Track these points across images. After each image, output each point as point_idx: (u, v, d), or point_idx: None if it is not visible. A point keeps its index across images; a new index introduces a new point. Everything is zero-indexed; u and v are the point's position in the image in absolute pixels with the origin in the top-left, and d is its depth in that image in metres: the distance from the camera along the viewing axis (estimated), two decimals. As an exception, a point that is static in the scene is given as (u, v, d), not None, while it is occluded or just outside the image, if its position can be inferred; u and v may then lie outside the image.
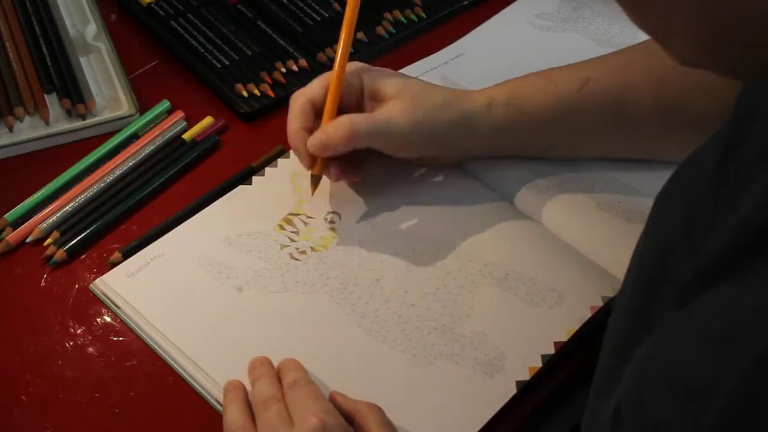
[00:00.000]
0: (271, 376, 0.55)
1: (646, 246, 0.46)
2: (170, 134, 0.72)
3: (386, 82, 0.65)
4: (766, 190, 0.35)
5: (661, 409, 0.37)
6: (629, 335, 0.43)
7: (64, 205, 0.66)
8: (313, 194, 0.66)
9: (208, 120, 0.73)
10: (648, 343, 0.40)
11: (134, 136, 0.72)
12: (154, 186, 0.68)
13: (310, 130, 0.64)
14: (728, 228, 0.37)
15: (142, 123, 0.73)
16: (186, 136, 0.72)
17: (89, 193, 0.67)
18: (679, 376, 0.36)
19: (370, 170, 0.68)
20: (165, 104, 0.74)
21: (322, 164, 0.64)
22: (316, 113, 0.65)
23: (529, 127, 0.67)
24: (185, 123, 0.73)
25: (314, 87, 0.65)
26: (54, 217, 0.65)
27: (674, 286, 0.40)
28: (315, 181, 0.66)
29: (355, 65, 0.66)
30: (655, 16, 0.36)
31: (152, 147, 0.71)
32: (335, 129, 0.62)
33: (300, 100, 0.65)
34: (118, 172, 0.69)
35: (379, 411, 0.53)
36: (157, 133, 0.72)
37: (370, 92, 0.65)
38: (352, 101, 0.65)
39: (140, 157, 0.70)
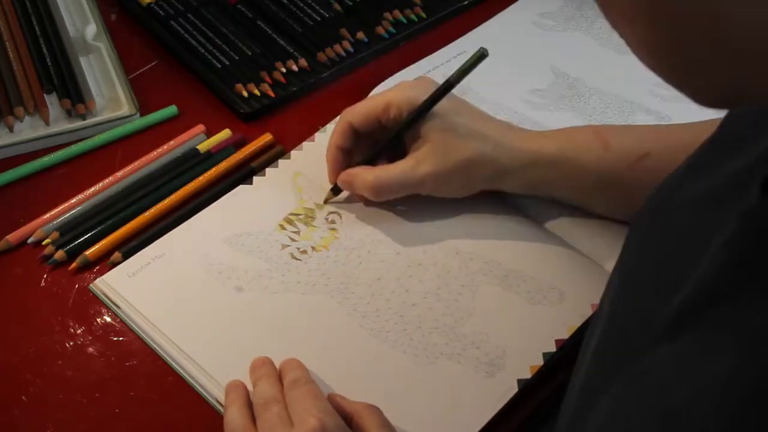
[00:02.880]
0: (273, 377, 0.55)
1: (619, 285, 0.45)
2: (187, 146, 0.71)
3: (427, 121, 0.63)
4: (713, 261, 0.34)
5: None
6: (592, 389, 0.42)
7: (70, 209, 0.66)
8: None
9: (225, 133, 0.72)
10: (607, 404, 0.39)
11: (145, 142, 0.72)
12: (162, 197, 0.67)
13: (347, 150, 0.65)
14: (693, 277, 0.36)
15: (143, 124, 0.73)
16: (201, 147, 0.71)
17: (95, 200, 0.67)
18: None
19: None
20: (172, 109, 0.74)
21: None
22: (358, 135, 0.65)
23: (568, 187, 0.65)
24: (205, 136, 0.72)
25: (358, 110, 0.65)
26: (57, 221, 0.65)
27: (646, 332, 0.39)
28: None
29: (405, 94, 0.64)
30: (618, 15, 0.36)
31: (167, 157, 0.70)
32: (362, 184, 0.64)
33: (344, 119, 0.65)
34: (129, 180, 0.69)
35: (378, 412, 0.53)
36: (173, 143, 0.71)
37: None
38: (391, 126, 0.65)
39: (152, 166, 0.70)
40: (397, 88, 0.65)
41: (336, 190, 0.67)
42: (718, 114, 0.38)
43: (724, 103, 0.35)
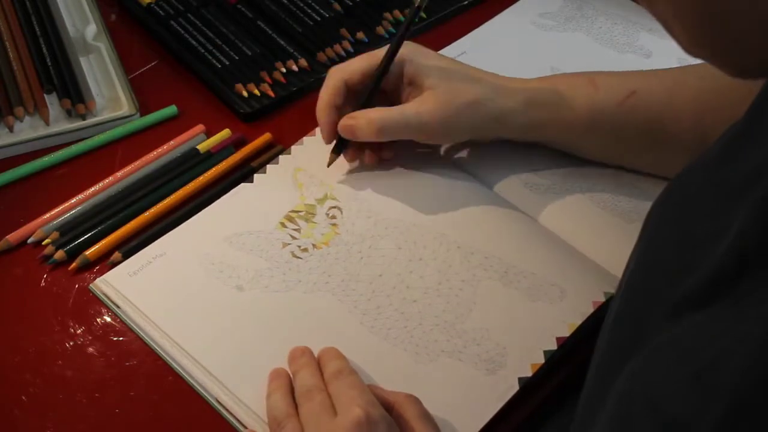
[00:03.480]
0: (313, 366, 0.56)
1: (638, 262, 0.45)
2: (187, 146, 0.71)
3: (425, 71, 0.65)
4: (752, 216, 0.35)
5: None
6: (614, 361, 0.42)
7: (70, 209, 0.66)
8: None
9: (225, 133, 0.72)
10: (632, 368, 0.39)
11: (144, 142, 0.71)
12: (162, 197, 0.67)
13: (339, 107, 0.65)
14: (718, 252, 0.37)
15: (143, 124, 0.73)
16: (202, 147, 0.71)
17: (95, 200, 0.67)
18: (661, 407, 0.36)
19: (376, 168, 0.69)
20: (172, 109, 0.74)
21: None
22: (350, 92, 0.66)
23: (563, 127, 0.67)
24: (205, 136, 0.72)
25: (353, 68, 0.66)
26: (57, 221, 0.65)
27: (664, 306, 0.40)
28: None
29: (403, 49, 0.65)
30: (659, 4, 0.37)
31: (167, 157, 0.70)
32: (366, 123, 0.64)
33: (336, 77, 0.66)
34: (129, 180, 0.69)
35: (417, 402, 0.54)
36: (173, 143, 0.71)
37: (409, 79, 0.66)
38: (390, 83, 0.67)
39: (152, 166, 0.70)
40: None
41: (338, 149, 0.67)
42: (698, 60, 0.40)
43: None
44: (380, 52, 0.66)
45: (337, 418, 0.51)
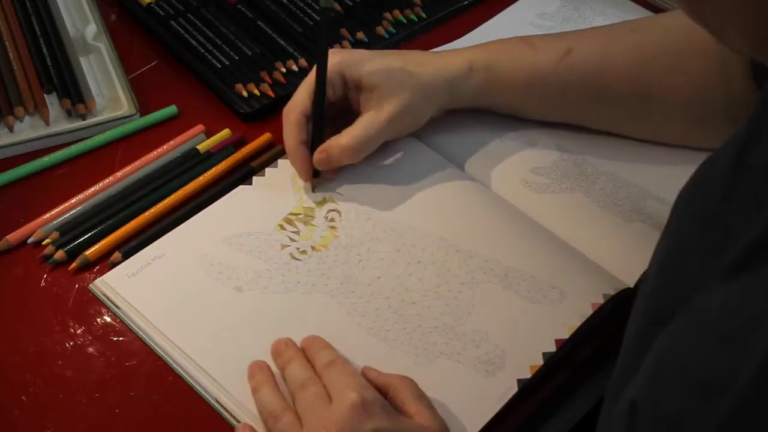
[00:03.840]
0: (303, 358, 0.56)
1: (666, 244, 0.47)
2: (187, 146, 0.71)
3: (366, 72, 0.66)
4: None
5: (674, 403, 0.37)
6: (648, 330, 0.44)
7: (70, 209, 0.66)
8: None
9: (225, 133, 0.72)
10: (664, 336, 0.40)
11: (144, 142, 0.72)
12: (162, 197, 0.67)
13: (306, 142, 0.66)
14: (754, 226, 0.37)
15: (143, 124, 0.73)
16: (201, 147, 0.71)
17: (95, 200, 0.67)
18: (693, 371, 0.37)
19: (372, 169, 0.69)
20: (172, 109, 0.74)
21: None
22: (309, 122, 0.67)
23: (506, 90, 0.69)
24: (205, 136, 0.72)
25: (301, 99, 0.66)
26: (57, 221, 0.65)
27: (695, 282, 0.41)
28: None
29: (332, 60, 0.66)
30: (713, 12, 0.37)
31: (167, 157, 0.70)
32: (340, 151, 0.65)
33: (291, 115, 0.66)
34: (129, 180, 0.69)
35: (412, 383, 0.54)
36: (173, 143, 0.71)
37: (354, 85, 0.67)
38: (338, 96, 0.68)
39: (152, 166, 0.70)
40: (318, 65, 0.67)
41: (316, 173, 0.68)
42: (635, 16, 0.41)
43: None
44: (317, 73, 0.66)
45: (333, 404, 0.51)
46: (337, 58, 0.67)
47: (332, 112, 0.68)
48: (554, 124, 0.73)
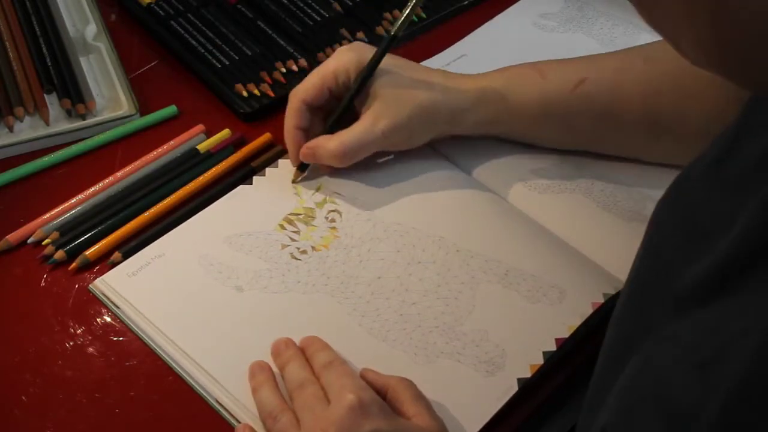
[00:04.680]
0: (302, 359, 0.56)
1: (643, 257, 0.46)
2: (187, 146, 0.71)
3: (371, 85, 0.66)
4: (760, 209, 0.35)
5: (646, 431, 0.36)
6: (619, 353, 0.43)
7: (70, 209, 0.66)
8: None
9: (225, 133, 0.72)
10: (636, 360, 0.40)
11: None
12: (162, 197, 0.67)
13: (305, 128, 0.67)
14: (723, 245, 0.37)
15: (143, 124, 0.73)
16: (201, 147, 0.71)
17: (95, 200, 0.67)
18: (666, 398, 0.36)
19: (372, 170, 0.69)
20: (172, 109, 0.74)
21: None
22: (313, 110, 0.67)
23: (515, 121, 0.68)
24: (205, 136, 0.72)
25: (308, 86, 0.66)
26: (57, 221, 0.65)
27: (668, 301, 0.40)
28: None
29: (348, 57, 0.66)
30: (664, 17, 0.36)
31: (167, 157, 0.70)
32: (327, 154, 0.65)
33: (294, 100, 0.67)
34: (129, 180, 0.69)
35: (411, 384, 0.54)
36: (173, 143, 0.71)
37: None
38: (340, 90, 0.67)
39: (152, 166, 0.70)
40: (337, 55, 0.67)
41: (303, 167, 0.68)
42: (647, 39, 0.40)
43: None
44: (331, 64, 0.66)
45: (331, 406, 0.51)
46: (355, 55, 0.66)
47: (331, 103, 0.68)
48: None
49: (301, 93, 0.66)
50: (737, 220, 0.36)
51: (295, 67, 0.78)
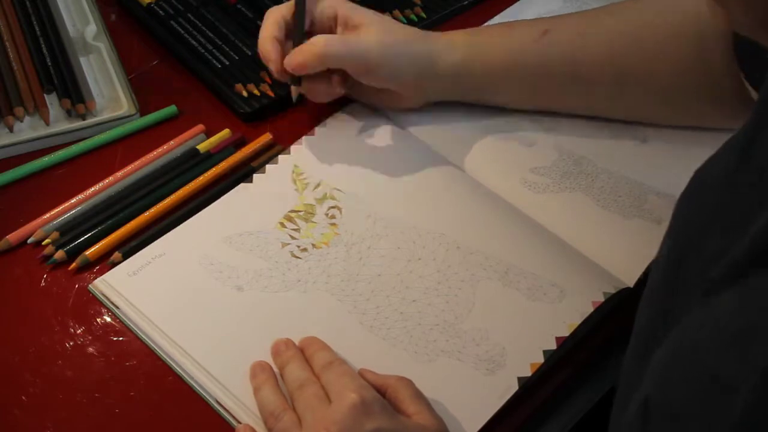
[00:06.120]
0: (301, 359, 0.56)
1: (669, 244, 0.46)
2: (187, 146, 0.71)
3: (359, 12, 0.68)
4: None
5: (687, 403, 0.37)
6: (655, 329, 0.43)
7: (70, 209, 0.66)
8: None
9: (225, 133, 0.72)
10: (674, 335, 0.40)
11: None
12: (162, 197, 0.67)
13: (281, 42, 0.68)
14: (750, 233, 0.37)
15: (143, 124, 0.73)
16: (201, 147, 0.71)
17: (95, 200, 0.67)
18: (705, 370, 0.36)
19: (373, 167, 0.69)
20: (172, 109, 0.74)
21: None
22: (288, 30, 0.68)
23: (485, 71, 0.70)
24: (205, 136, 0.72)
25: (286, 5, 0.69)
26: (57, 221, 0.65)
27: (700, 279, 0.40)
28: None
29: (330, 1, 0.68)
30: None
31: (167, 157, 0.70)
32: (310, 48, 0.66)
33: (273, 14, 0.68)
34: (129, 180, 0.69)
35: (410, 383, 0.54)
36: (173, 143, 0.71)
37: (343, 20, 0.68)
38: (325, 28, 0.69)
39: (152, 166, 0.70)
40: None
41: (296, 81, 0.68)
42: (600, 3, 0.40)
43: None
44: None
45: (332, 405, 0.51)
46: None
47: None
48: (552, 123, 0.73)
49: (280, 10, 0.68)
50: (764, 209, 0.37)
51: (295, 67, 0.78)
